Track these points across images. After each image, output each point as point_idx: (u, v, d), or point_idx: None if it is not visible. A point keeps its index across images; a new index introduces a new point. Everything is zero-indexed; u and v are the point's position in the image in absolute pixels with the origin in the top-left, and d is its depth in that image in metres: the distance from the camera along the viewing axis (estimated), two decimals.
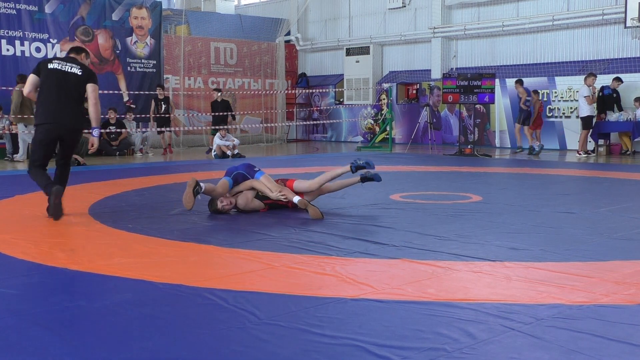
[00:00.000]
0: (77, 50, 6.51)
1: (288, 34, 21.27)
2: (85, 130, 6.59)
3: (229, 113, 15.28)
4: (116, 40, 16.23)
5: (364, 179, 6.53)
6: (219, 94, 15.42)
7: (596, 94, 13.72)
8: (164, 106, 14.96)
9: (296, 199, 6.23)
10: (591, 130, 13.62)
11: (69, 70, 6.21)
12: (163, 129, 14.97)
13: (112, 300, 3.45)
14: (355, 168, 6.42)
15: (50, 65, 6.21)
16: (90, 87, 6.23)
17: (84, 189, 8.15)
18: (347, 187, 6.83)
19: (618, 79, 13.85)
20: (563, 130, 15.54)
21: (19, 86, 12.50)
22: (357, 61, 19.76)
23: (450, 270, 4.03)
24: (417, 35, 18.67)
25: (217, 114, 15.14)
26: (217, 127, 14.65)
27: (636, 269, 4.04)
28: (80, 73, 6.23)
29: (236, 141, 14.40)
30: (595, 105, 13.68)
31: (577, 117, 14.37)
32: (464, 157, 13.59)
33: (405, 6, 19.05)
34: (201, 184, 6.23)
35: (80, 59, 6.38)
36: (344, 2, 20.80)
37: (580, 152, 13.53)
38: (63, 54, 15.22)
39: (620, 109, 13.97)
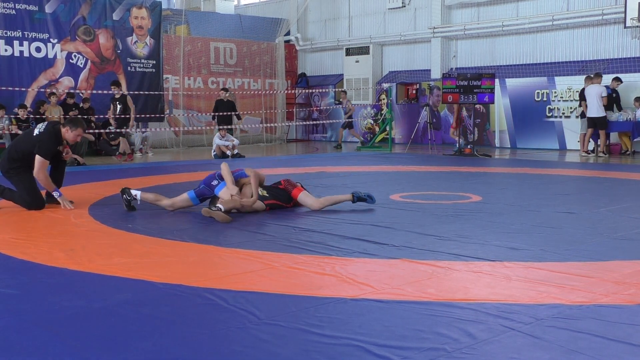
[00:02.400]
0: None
1: (288, 34, 21.26)
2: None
3: (234, 113, 15.17)
4: (117, 40, 16.23)
5: (357, 200, 6.59)
6: (227, 93, 15.32)
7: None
8: (119, 106, 13.90)
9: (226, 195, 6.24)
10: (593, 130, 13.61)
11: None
12: (122, 131, 13.82)
13: (112, 300, 3.45)
14: (356, 199, 6.57)
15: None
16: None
17: (84, 189, 8.15)
18: (337, 204, 6.69)
19: (617, 79, 13.84)
20: (563, 130, 15.54)
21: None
22: (357, 61, 19.76)
23: (450, 270, 4.03)
24: (416, 35, 18.67)
25: (221, 113, 15.09)
26: (221, 127, 14.65)
27: (636, 269, 4.04)
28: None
29: (236, 141, 14.40)
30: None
31: (577, 116, 14.36)
32: (464, 157, 13.59)
33: (405, 6, 19.04)
34: (132, 192, 6.53)
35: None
36: (344, 2, 20.80)
37: (587, 152, 13.53)
38: (64, 54, 15.27)
39: (620, 108, 13.97)
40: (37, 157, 6.51)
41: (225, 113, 15.05)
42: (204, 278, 3.90)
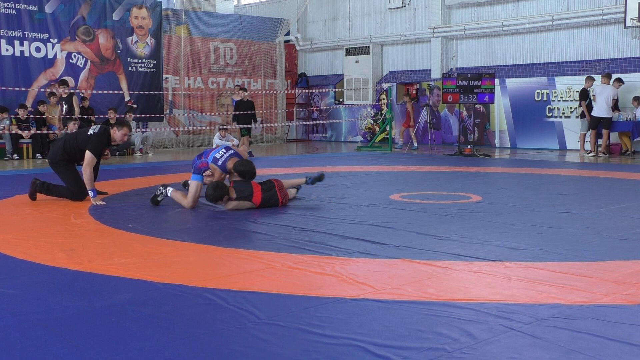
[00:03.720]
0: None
1: (288, 34, 21.26)
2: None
3: (252, 112, 15.07)
4: (117, 40, 16.23)
5: (311, 181, 7.10)
6: (246, 93, 15.26)
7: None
8: (64, 106, 13.40)
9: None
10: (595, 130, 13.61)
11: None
12: (64, 131, 12.92)
13: (112, 300, 3.46)
14: (310, 181, 7.08)
15: None
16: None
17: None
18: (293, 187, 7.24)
19: (619, 80, 13.83)
20: (563, 130, 15.54)
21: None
22: (357, 61, 19.76)
23: (450, 270, 4.03)
24: (417, 35, 18.67)
25: (242, 112, 14.99)
26: (244, 127, 14.67)
27: (636, 269, 4.04)
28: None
29: (235, 141, 14.39)
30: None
31: (577, 116, 14.36)
32: (464, 157, 13.59)
33: (405, 6, 19.05)
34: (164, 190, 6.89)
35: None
36: (344, 2, 20.80)
37: (594, 152, 13.53)
38: (64, 54, 15.27)
39: (618, 109, 13.96)
40: (88, 153, 6.97)
41: (245, 112, 14.95)
42: (204, 278, 3.90)
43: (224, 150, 6.79)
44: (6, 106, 13.69)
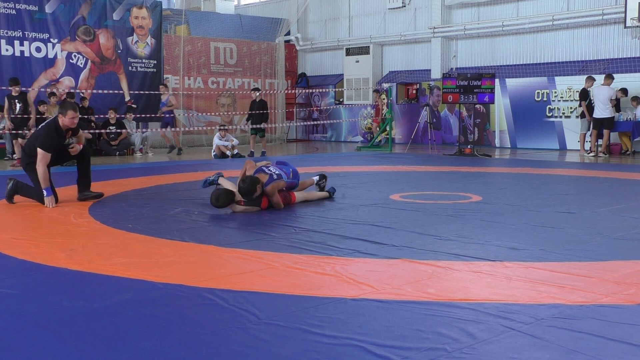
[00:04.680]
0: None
1: (288, 34, 21.26)
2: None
3: (263, 111, 15.07)
4: (117, 40, 16.23)
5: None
6: (258, 93, 15.27)
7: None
8: (18, 105, 12.74)
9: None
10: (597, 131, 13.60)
11: None
12: (20, 132, 12.57)
13: (112, 300, 3.45)
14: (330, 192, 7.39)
15: None
16: None
17: None
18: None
19: (624, 91, 13.80)
20: (563, 130, 15.54)
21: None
22: (357, 61, 19.76)
23: (450, 270, 4.03)
24: (417, 35, 18.67)
25: (255, 112, 15.01)
26: (256, 127, 14.70)
27: (636, 269, 4.04)
28: None
29: (235, 141, 14.39)
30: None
31: (577, 116, 14.35)
32: (464, 157, 13.59)
33: (405, 6, 19.05)
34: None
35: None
36: (344, 2, 20.80)
37: (594, 152, 13.54)
38: (64, 54, 15.27)
39: (619, 109, 13.97)
40: (38, 150, 6.70)
41: (258, 111, 14.97)
42: (204, 278, 3.90)
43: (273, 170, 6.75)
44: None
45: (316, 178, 7.49)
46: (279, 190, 6.68)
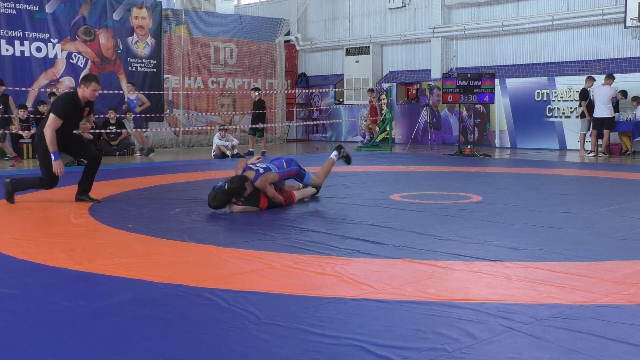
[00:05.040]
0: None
1: (288, 34, 21.26)
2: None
3: (262, 111, 15.05)
4: (117, 40, 16.24)
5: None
6: (257, 93, 15.26)
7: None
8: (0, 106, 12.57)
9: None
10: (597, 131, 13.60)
11: None
12: (5, 132, 12.47)
13: (112, 300, 3.45)
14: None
15: None
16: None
17: None
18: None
19: (623, 93, 13.80)
20: (563, 130, 15.54)
21: None
22: (357, 61, 19.76)
23: (450, 270, 4.03)
24: (417, 35, 18.67)
25: (256, 111, 15.02)
26: (252, 127, 14.71)
27: (636, 269, 4.04)
28: None
29: (235, 141, 14.39)
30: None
31: (577, 116, 14.35)
32: (464, 157, 13.59)
33: (405, 6, 19.05)
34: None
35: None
36: (344, 2, 20.80)
37: (594, 152, 13.53)
38: (64, 54, 15.27)
39: (618, 110, 13.97)
40: (50, 115, 6.62)
41: (256, 111, 14.99)
42: (204, 278, 3.90)
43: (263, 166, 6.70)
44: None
45: (334, 154, 7.70)
46: (280, 190, 6.67)
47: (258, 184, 6.41)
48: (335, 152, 7.68)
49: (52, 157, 6.62)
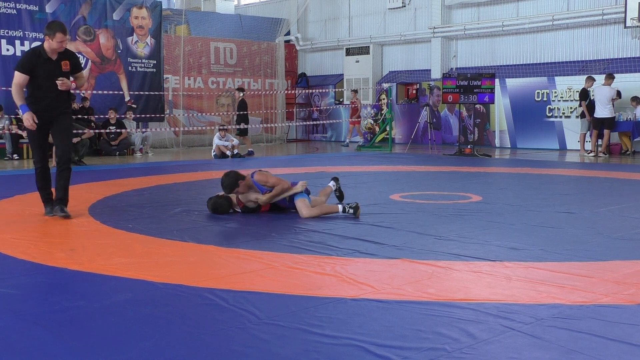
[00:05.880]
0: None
1: (288, 34, 21.26)
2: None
3: (244, 112, 15.01)
4: (117, 40, 16.24)
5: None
6: (242, 93, 15.24)
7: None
8: None
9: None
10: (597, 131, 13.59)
11: None
12: None
13: (112, 300, 3.45)
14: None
15: None
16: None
17: (83, 189, 8.15)
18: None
19: (618, 93, 13.81)
20: (563, 130, 15.54)
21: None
22: (357, 61, 19.76)
23: (450, 270, 4.03)
24: (417, 35, 18.67)
25: (240, 112, 15.02)
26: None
27: (636, 269, 4.04)
28: None
29: (235, 141, 14.39)
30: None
31: (577, 116, 14.34)
32: (464, 157, 13.59)
33: (405, 6, 19.05)
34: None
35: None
36: (344, 2, 20.80)
37: (594, 152, 13.53)
38: None
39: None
40: (15, 73, 5.97)
41: (239, 113, 14.98)
42: (204, 278, 3.90)
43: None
44: (7, 106, 13.67)
45: (332, 183, 6.83)
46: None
47: (258, 177, 6.18)
48: (332, 183, 6.87)
49: (21, 110, 5.97)
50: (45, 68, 6.00)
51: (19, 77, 5.95)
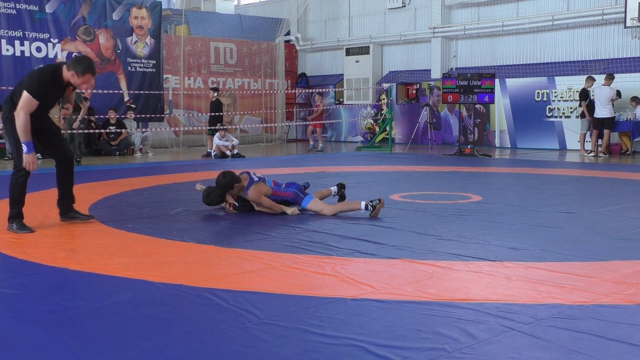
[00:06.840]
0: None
1: (288, 34, 21.26)
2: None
3: (219, 114, 14.94)
4: (117, 40, 16.24)
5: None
6: (216, 93, 15.20)
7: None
8: None
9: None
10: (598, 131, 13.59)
11: None
12: None
13: (112, 300, 3.45)
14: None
15: None
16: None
17: (83, 189, 8.15)
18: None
19: (618, 93, 13.82)
20: (563, 130, 15.54)
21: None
22: (357, 61, 19.76)
23: (450, 270, 4.03)
24: (417, 35, 18.67)
25: (213, 114, 14.98)
26: (211, 128, 14.59)
27: (636, 269, 4.04)
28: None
29: (235, 141, 14.39)
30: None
31: (577, 116, 14.34)
32: (464, 157, 13.59)
33: (405, 6, 19.05)
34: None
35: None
36: (344, 2, 20.80)
37: (594, 152, 13.52)
38: (64, 54, 15.26)
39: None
40: (24, 93, 5.23)
41: (214, 114, 14.90)
42: (204, 278, 3.90)
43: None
44: None
45: (334, 188, 6.91)
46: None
47: (250, 196, 6.15)
48: (335, 188, 6.94)
49: (24, 148, 5.25)
50: (55, 93, 5.57)
51: (31, 104, 5.26)
